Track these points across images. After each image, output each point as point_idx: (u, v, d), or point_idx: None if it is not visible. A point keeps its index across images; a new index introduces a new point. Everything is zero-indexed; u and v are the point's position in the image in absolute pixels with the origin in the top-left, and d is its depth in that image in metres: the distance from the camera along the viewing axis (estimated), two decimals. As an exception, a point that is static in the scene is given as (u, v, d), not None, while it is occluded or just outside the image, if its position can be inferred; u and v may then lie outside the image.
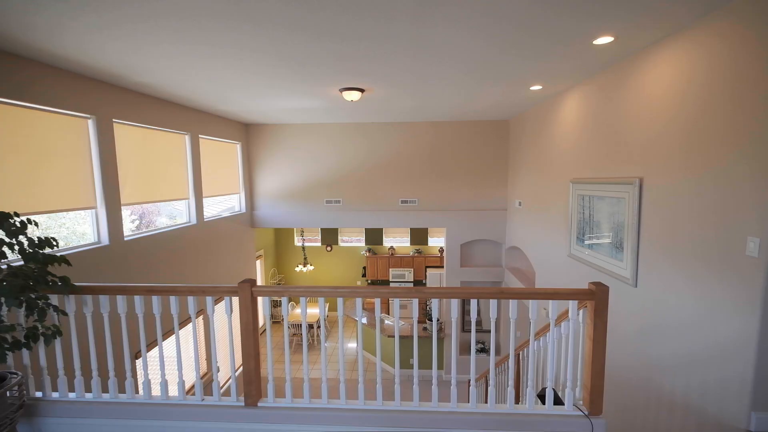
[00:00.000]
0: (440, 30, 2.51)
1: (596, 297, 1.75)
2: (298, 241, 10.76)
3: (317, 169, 6.97)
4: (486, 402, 1.96)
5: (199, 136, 5.40)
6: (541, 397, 2.02)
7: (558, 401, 1.94)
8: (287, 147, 6.93)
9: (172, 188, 4.91)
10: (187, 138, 5.17)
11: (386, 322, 8.19)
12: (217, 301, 2.02)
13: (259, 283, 9.70)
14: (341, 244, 10.85)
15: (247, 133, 6.93)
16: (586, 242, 3.69)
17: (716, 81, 2.18)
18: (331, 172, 6.97)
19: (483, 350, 7.35)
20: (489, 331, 7.66)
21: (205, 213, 6.17)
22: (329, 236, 10.76)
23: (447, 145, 6.74)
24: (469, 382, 2.70)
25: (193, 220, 5.33)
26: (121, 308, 1.97)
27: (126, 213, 5.04)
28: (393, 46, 2.85)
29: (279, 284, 10.72)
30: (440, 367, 7.60)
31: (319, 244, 10.88)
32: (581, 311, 1.89)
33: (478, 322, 7.51)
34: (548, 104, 4.70)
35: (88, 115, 3.55)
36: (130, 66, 3.28)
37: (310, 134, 6.85)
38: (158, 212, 5.69)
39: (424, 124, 6.71)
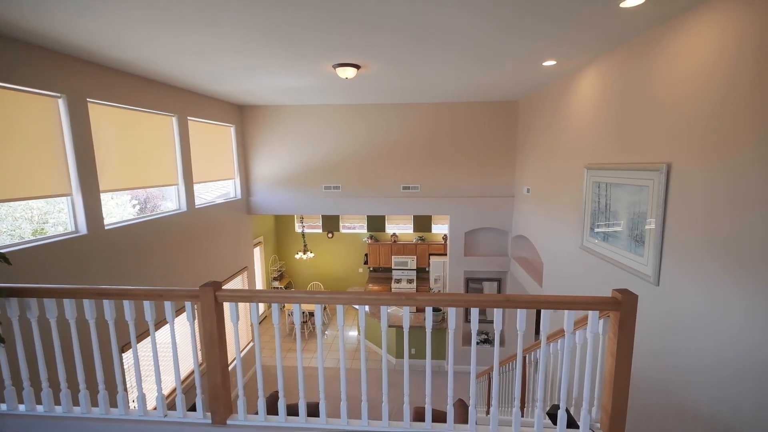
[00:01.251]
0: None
1: (623, 307, 1.46)
2: (298, 228, 10.54)
3: (315, 153, 6.66)
4: (488, 424, 1.70)
5: (188, 118, 5.09)
6: (552, 416, 1.75)
7: (572, 423, 1.68)
8: (284, 130, 6.61)
9: (159, 173, 4.64)
10: (174, 120, 4.86)
11: (388, 310, 7.98)
12: (178, 312, 1.75)
13: (257, 269, 9.53)
14: (343, 230, 10.60)
15: (242, 115, 6.60)
16: (601, 234, 3.38)
17: (763, 50, 1.83)
18: (329, 157, 6.65)
19: (486, 341, 7.14)
20: (492, 322, 7.43)
21: (198, 199, 5.93)
22: (330, 223, 10.52)
23: (451, 127, 6.37)
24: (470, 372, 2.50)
25: (183, 207, 5.08)
26: (69, 313, 1.72)
27: (126, 198, 4.83)
28: (386, 14, 2.51)
29: (280, 272, 10.55)
30: (442, 357, 7.43)
31: (320, 230, 10.65)
32: (602, 321, 1.60)
33: (482, 311, 7.29)
34: (562, 82, 4.31)
35: (57, 94, 3.26)
36: (104, 41, 2.98)
37: (308, 116, 6.51)
38: (162, 197, 5.49)
39: (426, 106, 6.33)
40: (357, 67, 3.76)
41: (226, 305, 1.66)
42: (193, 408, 1.75)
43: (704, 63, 2.23)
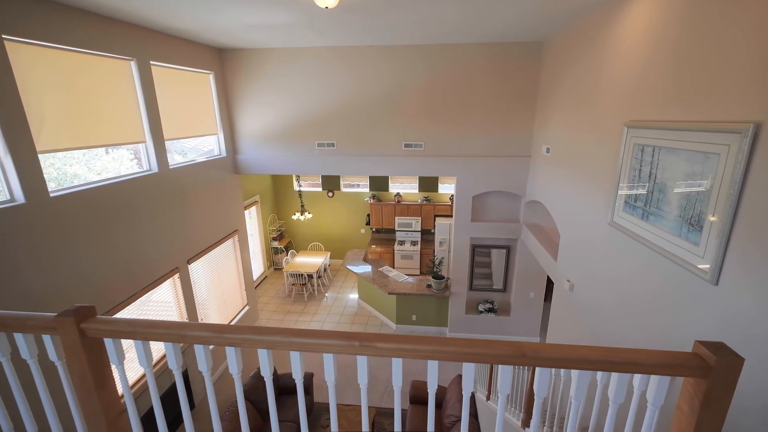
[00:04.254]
0: None
1: (715, 375, 0.88)
2: (296, 186, 9.97)
3: (307, 105, 5.89)
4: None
5: (151, 62, 4.35)
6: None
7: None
8: (271, 78, 5.80)
9: (120, 129, 4.02)
10: (133, 65, 4.14)
11: (390, 275, 7.61)
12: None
13: (255, 230, 9.10)
14: (344, 189, 10.01)
15: (222, 60, 5.78)
16: (640, 210, 2.73)
17: None
18: (322, 109, 5.88)
19: (491, 310, 6.76)
20: (499, 291, 7.02)
21: (178, 158, 5.34)
22: (331, 181, 9.90)
23: (459, 75, 5.47)
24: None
25: (154, 168, 4.51)
26: None
27: (122, 152, 4.29)
28: None
29: (279, 231, 10.15)
30: (444, 324, 7.13)
31: (320, 189, 10.07)
32: (666, 381, 1.03)
33: (488, 275, 6.84)
34: (602, 15, 3.42)
35: (-43, 29, 2.59)
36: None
37: (298, 62, 5.66)
38: (167, 149, 4.96)
39: (429, 48, 5.39)
40: (339, -8, 2.95)
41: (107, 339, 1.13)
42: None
43: None
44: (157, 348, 4.47)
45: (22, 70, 2.99)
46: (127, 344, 1.30)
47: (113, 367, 1.20)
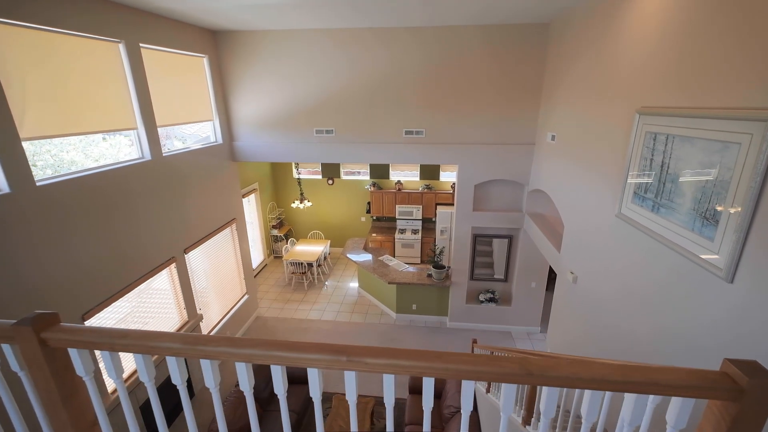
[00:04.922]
0: None
1: (747, 399, 0.77)
2: (295, 174, 9.83)
3: (304, 90, 5.70)
4: None
5: (141, 45, 4.18)
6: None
7: None
8: (267, 62, 5.60)
9: (108, 115, 3.88)
10: (121, 48, 3.97)
11: (390, 264, 7.54)
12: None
13: (254, 218, 9.01)
14: (344, 177, 9.86)
15: (216, 43, 5.58)
16: (650, 202, 2.60)
17: None
18: (320, 94, 5.70)
19: (492, 300, 6.70)
20: (501, 280, 6.95)
21: (178, 144, 5.21)
22: (331, 169, 9.75)
23: (461, 59, 5.27)
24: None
25: (147, 156, 4.38)
26: None
27: (119, 138, 4.17)
28: None
29: (279, 219, 10.06)
30: (444, 313, 7.08)
31: (320, 177, 9.92)
32: (688, 403, 0.93)
33: (489, 264, 6.76)
34: (614, -8, 3.22)
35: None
36: None
37: (294, 44, 5.46)
38: (167, 135, 4.98)
39: (430, 31, 5.17)
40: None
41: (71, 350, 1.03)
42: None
43: None
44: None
45: (1, 53, 2.84)
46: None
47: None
